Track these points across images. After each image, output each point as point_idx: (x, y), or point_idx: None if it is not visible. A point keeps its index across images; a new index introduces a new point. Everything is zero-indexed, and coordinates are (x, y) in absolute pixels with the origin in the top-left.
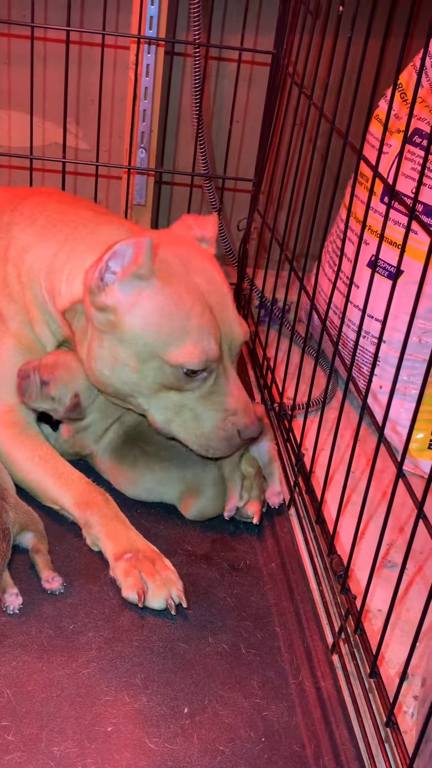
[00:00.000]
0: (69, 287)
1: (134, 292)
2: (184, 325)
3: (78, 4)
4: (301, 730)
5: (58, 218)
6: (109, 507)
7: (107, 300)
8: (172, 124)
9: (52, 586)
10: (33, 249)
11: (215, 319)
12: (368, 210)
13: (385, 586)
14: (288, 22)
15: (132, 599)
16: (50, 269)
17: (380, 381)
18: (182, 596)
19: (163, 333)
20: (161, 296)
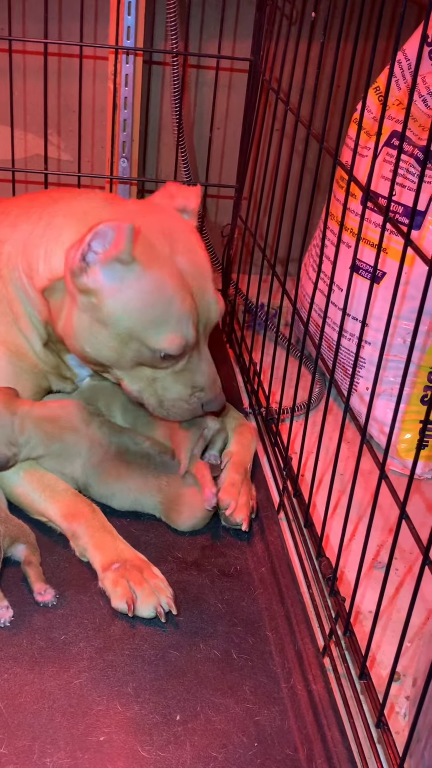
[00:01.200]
0: (47, 264)
1: (116, 277)
2: (166, 313)
3: (56, 16)
4: (294, 734)
5: (29, 204)
6: (96, 518)
7: (89, 282)
8: (153, 132)
9: (44, 599)
10: (10, 239)
11: (195, 304)
12: (345, 213)
13: (376, 588)
14: (264, 29)
15: (122, 609)
16: (26, 248)
17: (367, 383)
18: (171, 603)
19: (144, 319)
20: (143, 282)
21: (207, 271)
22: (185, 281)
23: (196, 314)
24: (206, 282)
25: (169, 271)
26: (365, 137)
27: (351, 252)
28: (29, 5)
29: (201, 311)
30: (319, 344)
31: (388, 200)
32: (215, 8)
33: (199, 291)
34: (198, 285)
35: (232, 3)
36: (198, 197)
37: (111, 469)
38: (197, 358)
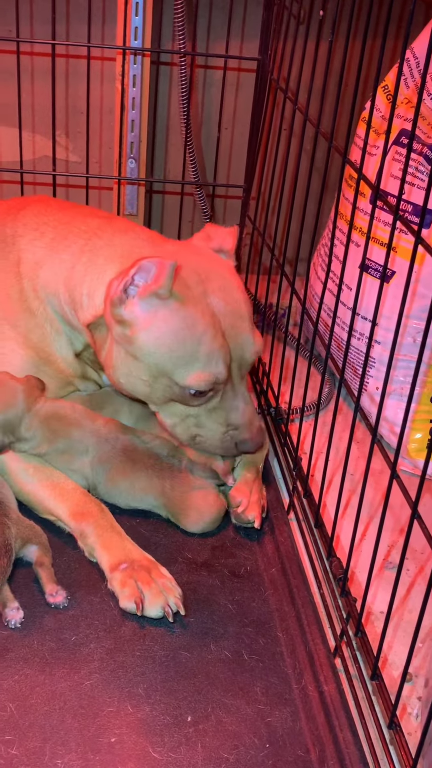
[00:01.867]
0: (91, 300)
1: (151, 311)
2: (195, 350)
3: (63, 17)
4: (305, 735)
5: (66, 229)
6: (105, 517)
7: (125, 314)
8: (161, 133)
9: (56, 600)
10: (47, 264)
11: (226, 343)
12: (354, 212)
13: (387, 588)
14: (272, 28)
15: (130, 609)
16: (68, 283)
17: (377, 382)
18: (179, 604)
19: (173, 355)
20: (176, 319)
21: (242, 311)
22: (217, 321)
23: (228, 353)
24: (241, 322)
25: (201, 310)
26: (374, 136)
27: (360, 251)
28: (37, 7)
29: (234, 350)
30: (329, 344)
31: (397, 199)
32: (222, 8)
33: (232, 330)
34: (231, 324)
35: (240, 3)
36: (234, 238)
37: (118, 465)
38: (232, 396)
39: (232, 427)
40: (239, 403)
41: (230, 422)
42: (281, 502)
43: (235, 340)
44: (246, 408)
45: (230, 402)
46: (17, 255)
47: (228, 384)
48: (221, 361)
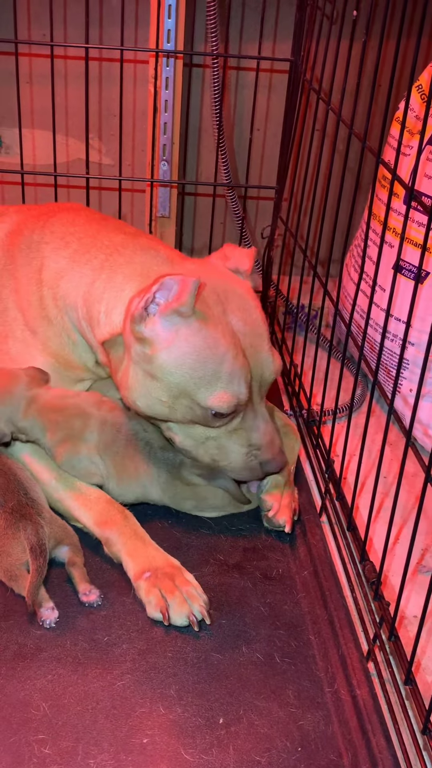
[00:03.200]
0: (108, 318)
1: (173, 329)
2: (217, 370)
3: (96, 21)
4: (338, 739)
5: (91, 242)
6: (129, 524)
7: (146, 331)
8: (193, 135)
9: (89, 599)
10: (68, 275)
11: (248, 363)
12: (388, 212)
13: (421, 592)
14: (305, 29)
15: (157, 618)
16: (87, 298)
17: (410, 384)
18: (204, 612)
19: (195, 375)
20: (197, 338)
21: (261, 331)
22: (238, 340)
23: (249, 373)
24: (260, 341)
25: (222, 330)
26: (408, 136)
27: (394, 252)
28: (70, 11)
29: (255, 370)
30: (362, 345)
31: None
32: (255, 10)
33: (252, 350)
34: (251, 344)
35: (272, 4)
36: (251, 259)
37: (125, 450)
38: (252, 416)
39: (254, 448)
40: (260, 423)
41: (252, 443)
42: (313, 504)
43: (255, 360)
44: (267, 428)
45: (251, 422)
46: (40, 261)
47: (248, 404)
48: (243, 381)
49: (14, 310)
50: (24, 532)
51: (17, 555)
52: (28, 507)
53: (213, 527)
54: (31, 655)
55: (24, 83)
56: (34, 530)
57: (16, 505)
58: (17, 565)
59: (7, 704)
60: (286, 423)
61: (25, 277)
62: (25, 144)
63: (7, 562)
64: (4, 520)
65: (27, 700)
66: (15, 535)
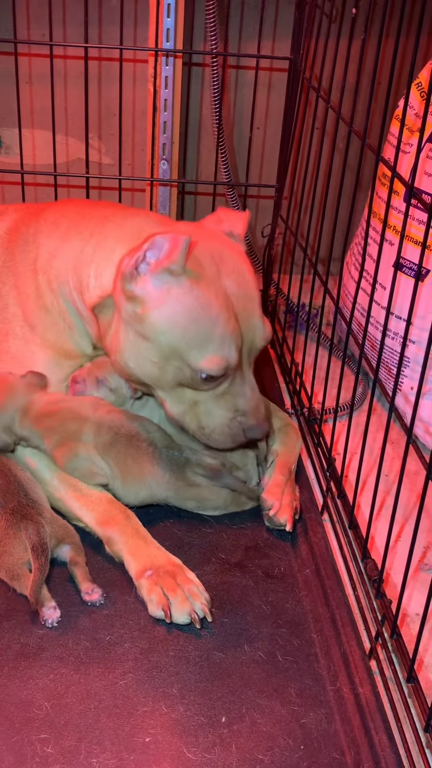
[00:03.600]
0: (98, 281)
1: (164, 288)
2: (209, 332)
3: (95, 20)
4: (341, 737)
5: (80, 219)
6: (130, 524)
7: (137, 290)
8: (193, 134)
9: (92, 598)
10: (59, 253)
11: (239, 327)
12: (388, 210)
13: (423, 590)
14: (304, 27)
15: (159, 616)
16: (77, 265)
17: (412, 382)
18: (206, 610)
19: (187, 336)
20: (189, 298)
21: (254, 296)
22: (231, 303)
23: (240, 337)
24: (252, 306)
25: (215, 291)
26: (408, 133)
27: (394, 250)
28: (69, 11)
29: (246, 335)
30: (363, 343)
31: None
32: (254, 8)
33: (244, 314)
34: (243, 308)
35: (271, 2)
36: (245, 222)
37: (126, 449)
38: (240, 381)
39: (239, 414)
40: (247, 390)
41: (237, 408)
42: (315, 502)
43: (247, 325)
44: (253, 394)
45: (238, 388)
46: (35, 252)
47: (237, 369)
48: (234, 345)
49: (14, 306)
50: (25, 532)
51: (19, 554)
52: (29, 507)
53: (214, 526)
54: (33, 654)
55: (23, 83)
56: (35, 530)
57: (17, 506)
58: (19, 565)
59: (10, 703)
60: (287, 422)
61: (23, 271)
62: (25, 144)
63: (9, 561)
64: (5, 520)
65: (29, 700)
66: (16, 534)
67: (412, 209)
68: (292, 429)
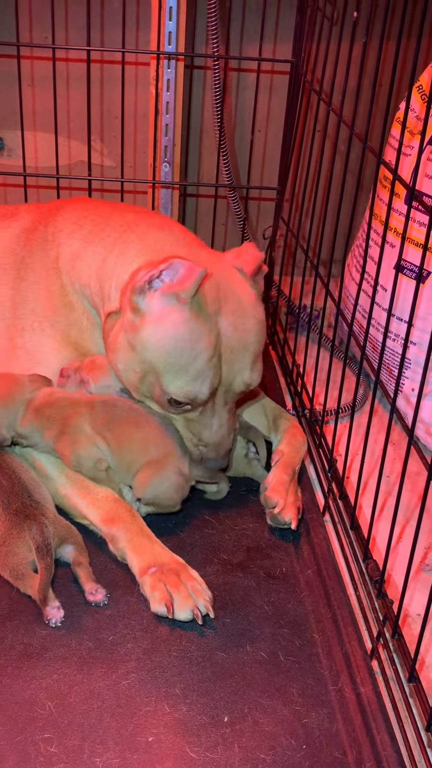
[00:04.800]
0: (118, 293)
1: (166, 310)
2: (188, 363)
3: (98, 23)
4: (342, 737)
5: (104, 222)
6: (135, 522)
7: (142, 303)
8: (194, 136)
9: (96, 598)
10: (82, 256)
11: (219, 365)
12: (389, 212)
13: (424, 590)
14: (305, 30)
15: (161, 612)
16: (100, 274)
17: (413, 384)
18: (209, 606)
19: (167, 361)
20: (184, 327)
21: (248, 342)
22: (218, 343)
23: (218, 377)
24: (242, 351)
25: (208, 329)
26: (409, 136)
27: (396, 252)
28: (72, 14)
29: (226, 377)
30: (364, 345)
31: None
32: (255, 11)
33: (230, 357)
34: (231, 351)
35: (273, 5)
36: (255, 263)
37: (126, 416)
38: (210, 415)
39: (201, 443)
40: (214, 424)
41: (201, 438)
42: (316, 503)
43: (230, 367)
44: (219, 431)
45: (207, 420)
46: (56, 251)
47: (209, 404)
48: (208, 382)
49: (33, 302)
50: (29, 532)
51: (23, 554)
52: (32, 508)
53: (216, 527)
54: (36, 654)
55: (26, 86)
56: (39, 530)
57: (21, 506)
58: (23, 564)
59: (13, 703)
60: (294, 425)
61: (44, 269)
62: (28, 146)
63: (14, 561)
64: (9, 521)
65: (33, 699)
66: (20, 534)
67: (414, 211)
68: (299, 431)
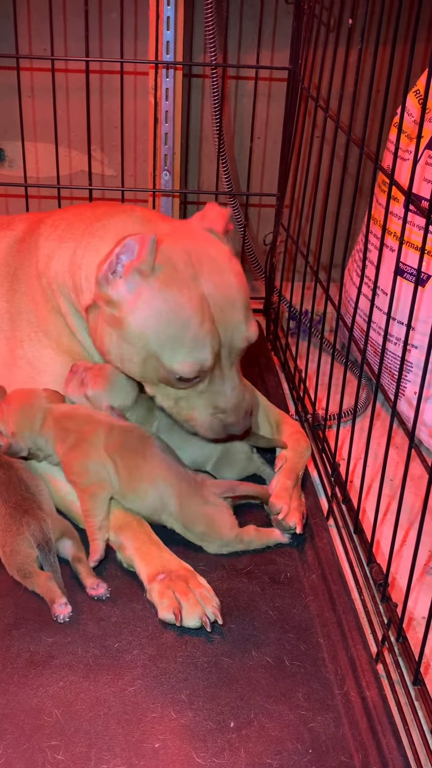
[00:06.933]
0: (89, 284)
1: (135, 290)
2: (180, 335)
3: (96, 34)
4: (348, 741)
5: (75, 219)
6: (143, 530)
7: (112, 294)
8: (194, 144)
9: (98, 592)
10: (56, 255)
11: (215, 329)
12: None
13: (428, 593)
14: (302, 38)
15: (169, 620)
16: (71, 268)
17: (414, 387)
18: (217, 613)
19: (159, 339)
20: (158, 300)
21: (234, 297)
22: (206, 304)
23: (218, 339)
24: (232, 307)
25: (188, 293)
26: (406, 141)
27: (395, 255)
28: (70, 25)
29: (224, 337)
30: (365, 349)
31: (430, 203)
32: (253, 20)
33: (222, 316)
34: (221, 309)
35: (270, 13)
36: (224, 219)
37: (137, 448)
38: (220, 381)
39: (219, 411)
40: (227, 388)
41: (217, 406)
42: (320, 508)
43: (225, 326)
44: (233, 393)
45: (218, 387)
46: (36, 255)
47: (216, 369)
48: (208, 347)
49: (28, 313)
50: (28, 528)
51: (26, 551)
52: (30, 501)
53: None
54: (42, 662)
55: (26, 97)
56: (38, 525)
57: (19, 500)
58: (28, 563)
59: (20, 711)
60: (298, 430)
61: (31, 278)
62: (28, 157)
63: (19, 560)
64: (9, 515)
65: (39, 707)
66: (19, 530)
67: (412, 215)
68: (303, 437)
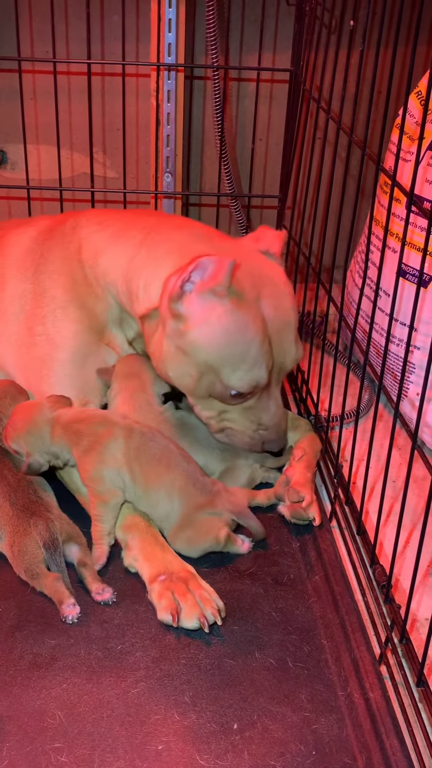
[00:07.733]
0: (146, 293)
1: (207, 308)
2: (244, 353)
3: (98, 36)
4: (352, 742)
5: (127, 225)
6: (150, 531)
7: (182, 309)
8: (196, 146)
9: (103, 597)
10: (106, 253)
11: (271, 350)
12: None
13: (431, 595)
14: (304, 39)
15: (167, 620)
16: (127, 274)
17: (417, 388)
18: (216, 614)
19: (223, 355)
20: (230, 319)
21: (289, 320)
22: (266, 327)
23: (272, 359)
24: (287, 330)
25: (253, 314)
26: (408, 142)
27: (397, 257)
28: (72, 27)
29: (277, 357)
30: (367, 350)
31: None
32: (254, 21)
33: (277, 337)
34: (278, 332)
35: (271, 15)
36: (281, 242)
37: (159, 455)
38: (267, 398)
39: (262, 427)
40: (272, 406)
41: (261, 422)
42: (323, 509)
43: (279, 347)
44: (277, 411)
45: (264, 403)
46: (78, 243)
47: (265, 388)
48: (265, 366)
49: (52, 289)
50: (35, 528)
51: (33, 551)
52: (38, 504)
53: None
54: (45, 664)
55: (28, 99)
56: (45, 526)
57: (27, 503)
58: (36, 563)
59: (24, 713)
60: (311, 429)
61: (65, 259)
62: (31, 159)
63: (26, 560)
64: (16, 517)
65: (43, 709)
66: (27, 531)
67: (414, 216)
68: (317, 438)
